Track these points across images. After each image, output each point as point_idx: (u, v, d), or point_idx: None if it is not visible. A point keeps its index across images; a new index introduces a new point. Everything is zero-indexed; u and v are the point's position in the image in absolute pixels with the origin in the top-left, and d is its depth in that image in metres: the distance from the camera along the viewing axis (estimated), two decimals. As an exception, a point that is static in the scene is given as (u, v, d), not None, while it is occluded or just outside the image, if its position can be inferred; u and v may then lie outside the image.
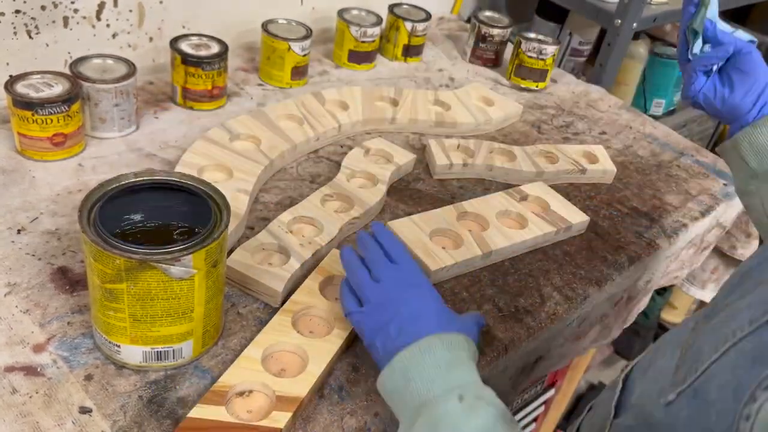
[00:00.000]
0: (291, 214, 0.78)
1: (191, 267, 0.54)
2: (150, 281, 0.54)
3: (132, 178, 0.60)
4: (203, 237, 0.55)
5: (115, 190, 0.58)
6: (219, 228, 0.57)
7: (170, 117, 0.95)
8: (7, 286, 0.65)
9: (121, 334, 0.57)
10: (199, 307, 0.58)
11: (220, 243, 0.57)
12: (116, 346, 0.58)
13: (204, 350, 0.62)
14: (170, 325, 0.57)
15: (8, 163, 0.80)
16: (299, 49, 1.04)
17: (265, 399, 0.58)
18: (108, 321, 0.57)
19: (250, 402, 0.58)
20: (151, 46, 1.05)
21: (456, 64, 1.26)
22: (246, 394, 0.59)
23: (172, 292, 0.55)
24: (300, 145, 0.91)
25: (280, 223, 0.76)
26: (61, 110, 0.79)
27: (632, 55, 1.64)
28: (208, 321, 0.60)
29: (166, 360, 0.60)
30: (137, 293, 0.54)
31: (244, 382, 0.58)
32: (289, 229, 0.76)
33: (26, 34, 0.90)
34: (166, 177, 0.61)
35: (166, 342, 0.59)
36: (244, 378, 0.59)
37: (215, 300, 0.60)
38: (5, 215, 0.73)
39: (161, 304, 0.56)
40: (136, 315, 0.56)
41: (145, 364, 0.60)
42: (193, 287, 0.56)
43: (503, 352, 0.70)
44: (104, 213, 0.56)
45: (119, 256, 0.52)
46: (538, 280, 0.80)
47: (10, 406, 0.55)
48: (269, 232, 0.74)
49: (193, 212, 0.61)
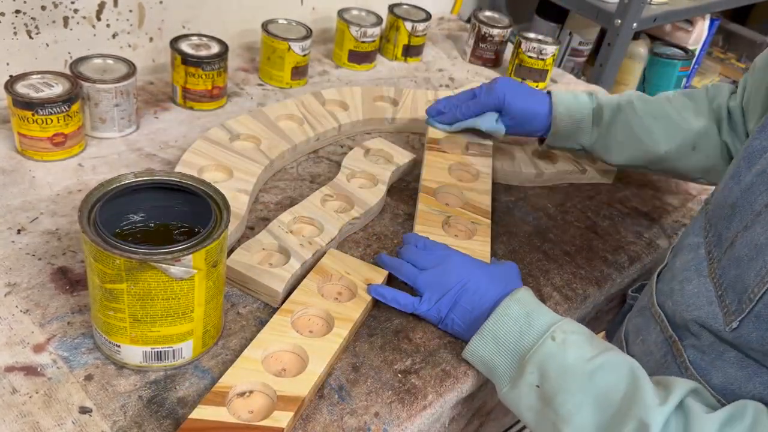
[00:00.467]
0: (291, 214, 0.78)
1: (191, 267, 0.54)
2: (150, 281, 0.54)
3: (132, 178, 0.60)
4: (203, 237, 0.55)
5: (115, 190, 0.58)
6: (219, 228, 0.57)
7: (170, 117, 0.95)
8: (7, 286, 0.65)
9: (121, 334, 0.57)
10: (199, 307, 0.58)
11: (221, 243, 0.57)
12: (116, 346, 0.58)
13: (204, 350, 0.62)
14: (170, 325, 0.57)
15: (8, 163, 0.80)
16: (299, 49, 1.04)
17: (266, 399, 0.58)
18: (108, 321, 0.57)
19: (251, 402, 0.58)
20: (151, 46, 1.05)
21: (456, 64, 1.26)
22: (247, 394, 0.58)
23: (172, 292, 0.55)
24: (300, 145, 0.91)
25: (280, 223, 0.76)
26: (61, 110, 0.79)
27: (632, 55, 1.64)
28: (208, 321, 0.60)
29: (166, 360, 0.60)
30: (137, 293, 0.54)
31: (244, 382, 0.58)
32: (289, 229, 0.76)
33: (26, 34, 0.90)
34: (166, 177, 0.61)
35: (166, 342, 0.58)
36: (245, 378, 0.59)
37: (215, 300, 0.60)
38: (5, 215, 0.73)
39: (161, 304, 0.56)
40: (136, 315, 0.56)
41: (145, 364, 0.60)
42: (193, 287, 0.56)
43: (503, 352, 0.70)
44: (104, 213, 0.56)
45: (119, 256, 0.52)
46: (538, 279, 0.80)
47: (10, 406, 0.55)
48: (269, 232, 0.74)
49: (193, 212, 0.61)
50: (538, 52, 1.17)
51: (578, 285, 0.80)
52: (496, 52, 1.26)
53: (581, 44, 1.60)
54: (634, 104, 0.87)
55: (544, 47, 1.17)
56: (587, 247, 0.86)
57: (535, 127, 0.90)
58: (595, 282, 0.81)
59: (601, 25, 1.46)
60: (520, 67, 1.19)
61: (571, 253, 0.85)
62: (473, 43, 1.26)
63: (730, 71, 2.05)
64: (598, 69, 1.44)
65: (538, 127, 0.90)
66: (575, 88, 1.26)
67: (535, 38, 1.18)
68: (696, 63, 1.83)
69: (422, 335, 0.69)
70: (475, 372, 0.66)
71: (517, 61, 1.19)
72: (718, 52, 2.15)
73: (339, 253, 0.74)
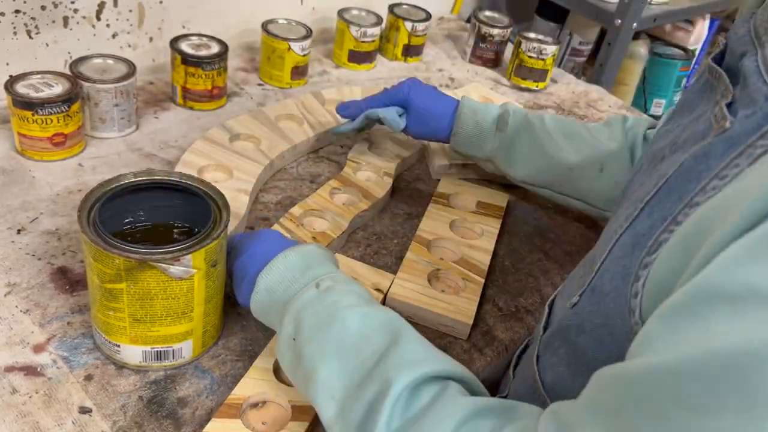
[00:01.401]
0: (301, 208, 0.78)
1: (191, 267, 0.54)
2: (149, 281, 0.54)
3: (132, 177, 0.60)
4: (203, 237, 0.55)
5: (115, 190, 0.58)
6: (219, 227, 0.56)
7: (170, 117, 0.95)
8: (7, 286, 0.65)
9: (120, 334, 0.57)
10: (198, 306, 0.58)
11: (220, 242, 0.57)
12: (116, 346, 0.58)
13: (204, 350, 0.62)
14: (170, 325, 0.57)
15: (8, 163, 0.80)
16: (299, 49, 1.04)
17: (280, 409, 0.58)
18: (108, 321, 0.57)
19: (264, 413, 0.57)
20: (151, 46, 1.05)
21: (456, 64, 1.26)
22: (260, 405, 0.58)
23: (172, 292, 0.55)
24: (300, 145, 0.91)
25: (291, 216, 0.77)
26: (61, 110, 0.79)
27: (632, 55, 1.64)
28: (208, 321, 0.60)
29: (165, 360, 0.60)
30: (137, 293, 0.54)
31: (257, 393, 0.58)
32: (299, 222, 0.76)
33: (26, 34, 0.90)
34: (166, 177, 0.61)
35: (166, 342, 0.58)
36: (257, 389, 0.58)
37: (215, 300, 0.60)
38: (5, 215, 0.73)
39: (161, 303, 0.55)
40: (135, 315, 0.56)
41: (145, 364, 0.60)
42: (192, 287, 0.56)
43: (503, 351, 0.70)
44: (104, 213, 0.56)
45: (119, 256, 0.52)
46: (538, 280, 0.79)
47: (10, 406, 0.55)
48: (281, 225, 0.75)
49: (193, 212, 0.61)
50: (538, 52, 1.17)
51: (578, 285, 0.80)
52: (496, 52, 1.26)
53: (581, 44, 1.60)
54: (545, 120, 0.83)
55: (544, 47, 1.17)
56: (587, 247, 0.86)
57: (439, 126, 0.85)
58: (595, 282, 0.81)
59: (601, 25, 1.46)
60: (520, 67, 1.19)
61: (572, 253, 0.85)
62: (473, 43, 1.26)
63: (730, 71, 2.05)
64: (598, 69, 1.44)
65: (441, 127, 0.85)
66: (575, 88, 1.26)
67: (535, 38, 1.18)
68: (696, 63, 1.83)
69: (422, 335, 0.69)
70: (476, 372, 0.66)
71: (517, 61, 1.19)
72: (718, 52, 2.15)
73: (347, 259, 0.74)
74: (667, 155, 0.48)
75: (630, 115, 0.86)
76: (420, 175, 0.94)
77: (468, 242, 0.80)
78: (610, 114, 1.19)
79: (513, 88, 1.22)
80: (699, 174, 0.40)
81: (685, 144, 0.45)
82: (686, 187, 0.41)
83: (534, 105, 1.17)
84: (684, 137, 0.47)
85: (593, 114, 1.18)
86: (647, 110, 1.72)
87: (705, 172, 0.40)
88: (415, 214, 0.86)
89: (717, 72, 0.47)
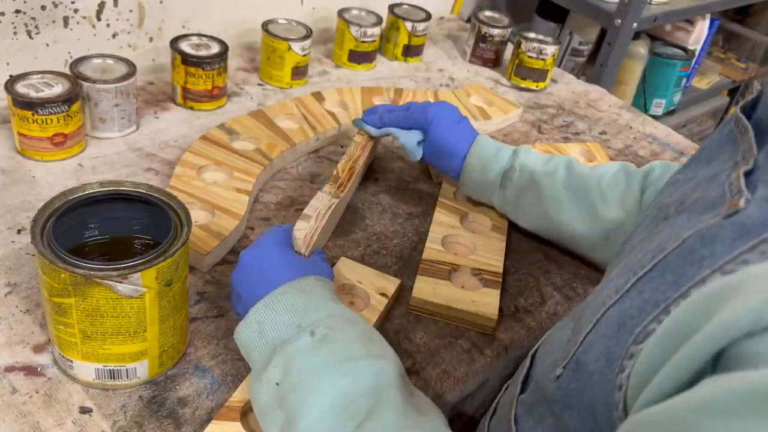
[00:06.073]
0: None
1: (140, 285, 0.51)
2: (98, 297, 0.51)
3: (97, 188, 0.57)
4: (155, 255, 0.52)
5: (75, 201, 0.56)
6: (175, 245, 0.53)
7: (170, 117, 0.95)
8: (7, 286, 0.65)
9: (72, 350, 0.55)
10: (152, 326, 0.55)
11: (176, 261, 0.54)
12: (69, 362, 0.56)
13: (162, 370, 0.60)
14: (122, 344, 0.55)
15: (8, 163, 0.80)
16: (299, 49, 1.04)
17: None
18: (59, 335, 0.55)
19: None
20: (151, 46, 1.05)
21: (456, 64, 1.26)
22: None
23: (122, 310, 0.53)
24: (300, 145, 0.91)
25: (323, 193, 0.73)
26: (61, 110, 0.79)
27: (632, 55, 1.64)
28: (165, 341, 0.57)
29: (119, 379, 0.57)
30: (86, 309, 0.52)
31: None
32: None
33: (26, 34, 0.90)
34: (132, 188, 0.58)
35: (119, 361, 0.56)
36: None
37: (173, 319, 0.57)
38: (5, 215, 0.73)
39: (111, 321, 0.53)
40: (86, 331, 0.54)
41: (99, 382, 0.57)
42: (143, 306, 0.53)
43: (503, 352, 0.70)
44: (64, 224, 0.54)
45: (64, 270, 0.50)
46: (539, 279, 0.79)
47: (10, 406, 0.55)
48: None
49: (157, 227, 0.58)
50: (538, 52, 1.17)
51: (579, 285, 0.80)
52: (496, 52, 1.26)
53: (581, 44, 1.60)
54: (555, 178, 0.78)
55: (544, 47, 1.17)
56: (587, 247, 0.86)
57: (451, 165, 0.82)
58: (596, 282, 0.81)
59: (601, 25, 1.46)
60: (520, 67, 1.19)
61: (571, 253, 0.84)
62: (473, 43, 1.26)
63: (730, 71, 2.05)
64: (598, 69, 1.44)
65: (453, 167, 0.82)
66: (575, 88, 1.26)
67: (535, 38, 1.18)
68: (696, 63, 1.83)
69: (423, 335, 0.69)
70: (476, 372, 0.66)
71: (517, 60, 1.19)
72: (718, 52, 2.15)
73: (351, 262, 0.73)
74: (671, 215, 0.44)
75: (659, 163, 0.77)
76: (420, 175, 0.94)
77: (481, 237, 0.81)
78: (610, 114, 1.19)
79: (513, 88, 1.22)
80: (701, 260, 0.36)
81: (692, 207, 0.41)
82: (684, 270, 0.37)
83: (534, 105, 1.17)
84: (693, 198, 0.42)
85: (593, 114, 1.18)
86: (647, 110, 1.72)
87: (708, 260, 0.36)
88: (415, 214, 0.86)
89: (743, 126, 0.42)
